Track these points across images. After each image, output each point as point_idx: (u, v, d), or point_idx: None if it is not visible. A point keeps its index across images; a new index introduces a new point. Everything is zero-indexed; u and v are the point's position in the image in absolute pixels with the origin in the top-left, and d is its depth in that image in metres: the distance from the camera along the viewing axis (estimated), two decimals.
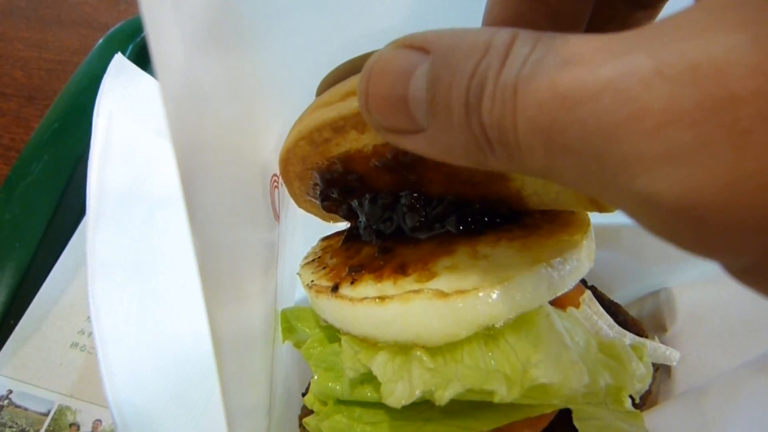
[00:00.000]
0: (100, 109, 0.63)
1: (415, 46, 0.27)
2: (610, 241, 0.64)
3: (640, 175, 0.18)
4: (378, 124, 0.29)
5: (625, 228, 0.62)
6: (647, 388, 0.48)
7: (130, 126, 0.64)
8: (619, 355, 0.43)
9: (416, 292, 0.41)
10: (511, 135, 0.22)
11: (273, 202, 0.51)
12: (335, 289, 0.46)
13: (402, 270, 0.43)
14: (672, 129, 0.17)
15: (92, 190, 0.60)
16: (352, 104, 0.40)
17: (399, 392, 0.41)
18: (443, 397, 0.39)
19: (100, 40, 0.84)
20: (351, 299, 0.44)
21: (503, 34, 0.23)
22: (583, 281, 0.62)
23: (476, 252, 0.42)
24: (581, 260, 0.43)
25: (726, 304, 0.57)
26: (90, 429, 0.68)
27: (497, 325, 0.40)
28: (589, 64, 0.20)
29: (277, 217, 0.51)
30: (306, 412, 0.55)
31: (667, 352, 0.53)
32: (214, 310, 0.35)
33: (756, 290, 0.19)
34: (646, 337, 0.57)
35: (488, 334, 0.41)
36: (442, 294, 0.40)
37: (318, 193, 0.50)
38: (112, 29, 0.85)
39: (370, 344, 0.44)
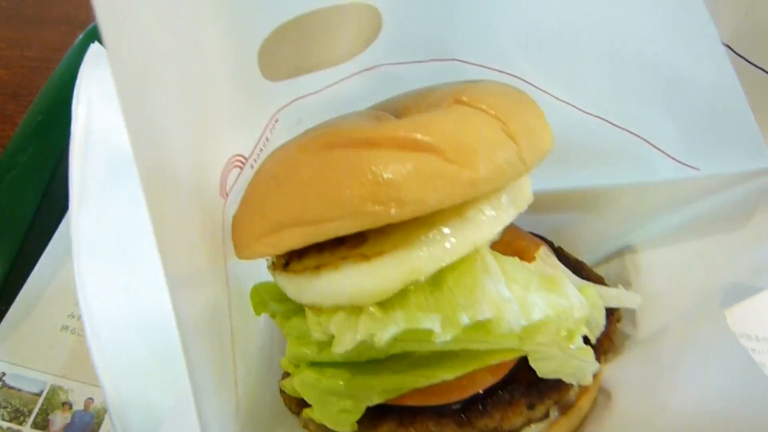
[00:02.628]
0: (79, 97, 0.66)
1: None
2: (575, 204, 0.67)
3: None
4: None
5: (589, 191, 0.65)
6: (602, 329, 0.51)
7: (110, 112, 0.67)
8: (558, 287, 0.46)
9: (344, 257, 0.44)
10: None
11: (224, 179, 0.53)
12: (286, 264, 0.50)
13: (341, 240, 0.46)
14: None
15: (74, 175, 0.62)
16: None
17: (344, 339, 0.44)
18: (381, 338, 0.42)
19: (80, 36, 0.87)
20: (296, 271, 0.48)
21: None
22: (550, 243, 0.65)
23: None
24: (501, 207, 0.46)
25: (688, 253, 0.59)
26: (82, 407, 0.70)
27: (420, 279, 0.44)
28: None
29: (224, 193, 0.53)
30: (286, 376, 0.58)
31: (627, 296, 0.55)
32: (177, 296, 0.39)
33: None
34: None
35: (433, 283, 0.45)
36: (365, 257, 0.44)
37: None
38: (91, 25, 0.88)
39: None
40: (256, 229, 0.48)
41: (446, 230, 0.45)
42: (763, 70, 0.67)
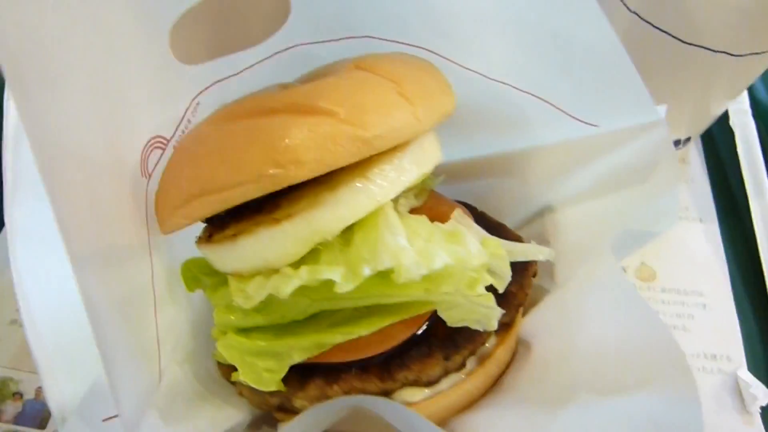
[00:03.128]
0: (10, 93, 0.67)
1: None
2: (494, 170, 0.70)
3: None
4: None
5: (504, 156, 0.68)
6: (510, 279, 0.53)
7: None
8: (458, 238, 0.49)
9: (257, 223, 0.47)
10: None
11: (145, 159, 0.55)
12: (210, 237, 0.52)
13: (257, 208, 0.49)
14: None
15: (7, 169, 0.64)
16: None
17: (253, 295, 0.46)
18: (284, 291, 0.45)
19: None
20: (216, 241, 0.50)
21: None
22: (473, 208, 0.68)
23: (315, 182, 0.47)
24: (404, 167, 0.49)
25: (598, 207, 0.63)
26: (33, 396, 0.72)
27: (328, 238, 0.47)
28: None
29: (146, 174, 0.55)
30: None
31: (538, 249, 0.58)
32: (83, 273, 0.42)
33: None
34: None
35: (343, 241, 0.47)
36: (276, 221, 0.46)
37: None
38: None
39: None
40: (171, 202, 0.51)
41: (350, 191, 0.47)
42: (667, 33, 0.71)
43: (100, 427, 0.45)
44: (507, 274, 0.52)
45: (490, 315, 0.50)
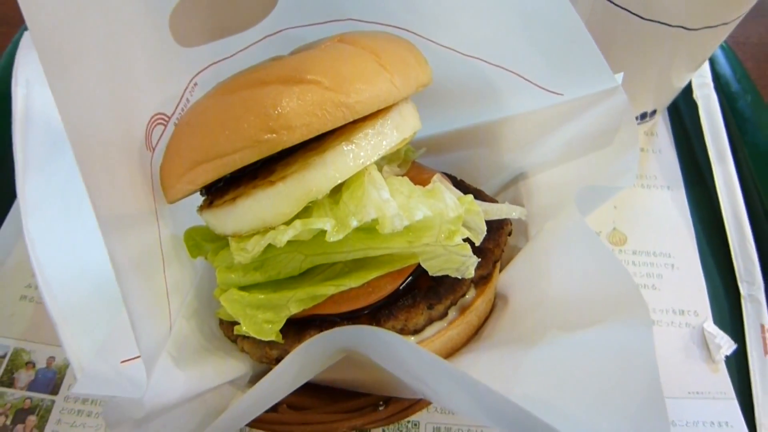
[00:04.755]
0: (18, 79, 0.72)
1: None
2: (470, 141, 0.75)
3: None
4: None
5: (479, 127, 0.73)
6: (483, 233, 0.58)
7: (47, 91, 0.73)
8: (436, 193, 0.54)
9: (254, 186, 0.52)
10: None
11: (149, 134, 0.60)
12: (211, 203, 0.57)
13: (254, 175, 0.54)
14: None
15: (18, 149, 0.68)
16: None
17: (253, 248, 0.51)
18: (281, 240, 0.50)
19: (17, 35, 0.93)
20: (217, 206, 0.55)
21: None
22: (453, 177, 0.73)
23: (306, 148, 0.53)
24: (385, 132, 0.54)
25: (568, 170, 0.68)
26: (45, 365, 0.77)
27: (318, 197, 0.51)
28: None
29: (151, 147, 0.60)
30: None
31: (511, 208, 0.64)
32: (109, 235, 0.47)
33: None
34: None
35: (333, 200, 0.52)
36: (271, 182, 0.51)
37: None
38: None
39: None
40: (176, 170, 0.56)
41: (337, 154, 0.52)
42: (627, 10, 0.76)
43: (119, 368, 0.50)
44: (482, 229, 0.57)
45: (468, 263, 0.55)
